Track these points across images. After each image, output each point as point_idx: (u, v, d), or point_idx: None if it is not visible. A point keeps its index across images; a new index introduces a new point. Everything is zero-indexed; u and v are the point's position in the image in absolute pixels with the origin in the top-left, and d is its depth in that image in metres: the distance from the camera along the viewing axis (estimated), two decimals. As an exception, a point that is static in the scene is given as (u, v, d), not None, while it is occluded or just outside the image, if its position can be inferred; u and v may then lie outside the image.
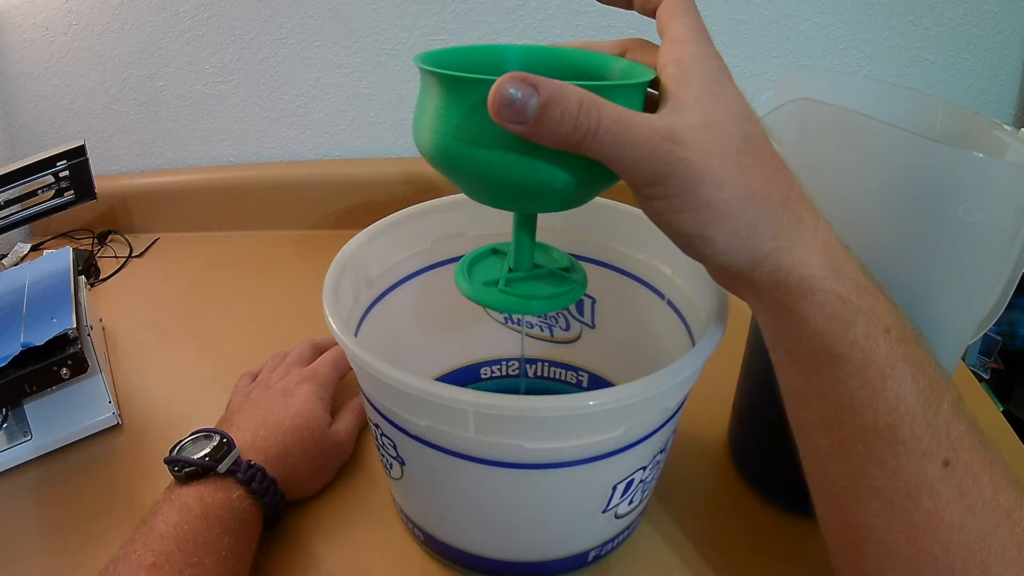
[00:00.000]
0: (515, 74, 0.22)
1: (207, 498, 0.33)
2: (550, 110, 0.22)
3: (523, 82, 0.22)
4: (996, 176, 0.26)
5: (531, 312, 0.29)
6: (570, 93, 0.22)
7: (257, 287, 0.67)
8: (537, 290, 0.30)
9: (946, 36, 0.65)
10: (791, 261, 0.23)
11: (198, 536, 0.31)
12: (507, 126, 0.22)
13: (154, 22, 0.71)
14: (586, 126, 0.22)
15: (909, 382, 0.23)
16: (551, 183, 0.24)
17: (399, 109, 0.74)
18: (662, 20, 0.26)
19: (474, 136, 0.24)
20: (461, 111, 0.24)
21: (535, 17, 0.67)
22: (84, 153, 0.63)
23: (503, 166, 0.24)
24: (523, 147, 0.23)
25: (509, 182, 0.25)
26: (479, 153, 0.24)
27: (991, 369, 0.67)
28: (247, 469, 0.35)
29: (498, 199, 0.27)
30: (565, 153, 0.23)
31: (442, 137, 0.25)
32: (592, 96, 0.22)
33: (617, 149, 0.22)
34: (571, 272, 0.31)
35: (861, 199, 0.29)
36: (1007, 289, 0.32)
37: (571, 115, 0.22)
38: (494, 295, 0.29)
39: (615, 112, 0.22)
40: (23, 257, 0.75)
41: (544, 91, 0.22)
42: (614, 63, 0.29)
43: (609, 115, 0.22)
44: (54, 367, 0.43)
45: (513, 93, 0.22)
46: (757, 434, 0.41)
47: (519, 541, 0.34)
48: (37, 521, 0.41)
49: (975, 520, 0.22)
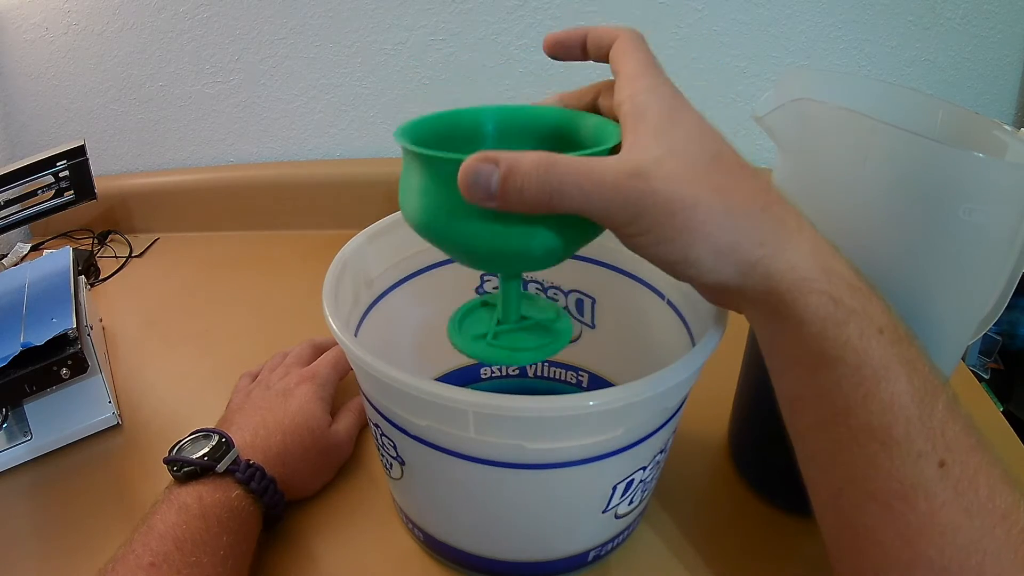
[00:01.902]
0: (478, 154, 0.23)
1: (206, 498, 0.33)
2: (510, 180, 0.23)
3: (484, 160, 0.23)
4: (996, 176, 0.26)
5: (517, 363, 0.31)
6: (525, 159, 0.23)
7: (257, 287, 0.67)
8: (523, 342, 0.31)
9: (946, 36, 0.65)
10: (779, 267, 0.24)
11: (196, 536, 0.31)
12: (479, 203, 0.23)
13: (154, 22, 0.71)
14: (549, 186, 0.23)
15: (904, 383, 0.23)
16: (531, 247, 0.25)
17: (399, 109, 0.74)
18: (615, 61, 0.27)
19: (452, 210, 0.25)
20: (438, 187, 0.25)
21: (535, 17, 0.67)
22: (84, 153, 0.63)
23: (481, 237, 0.25)
24: (498, 217, 0.24)
25: (490, 251, 0.26)
26: (459, 225, 0.25)
27: (991, 369, 0.67)
28: (246, 468, 0.35)
29: (482, 265, 0.28)
30: (540, 217, 0.24)
31: (424, 211, 0.26)
32: (547, 156, 0.23)
33: (586, 199, 0.23)
34: (557, 322, 0.32)
35: (861, 199, 0.29)
36: (1007, 289, 0.32)
37: (531, 180, 0.23)
38: (483, 348, 0.30)
39: (575, 164, 0.23)
40: (23, 257, 0.75)
41: (503, 164, 0.23)
42: (586, 121, 0.29)
43: (569, 169, 0.23)
44: (54, 367, 0.43)
45: (478, 171, 0.23)
46: (756, 434, 0.41)
47: (519, 541, 0.34)
48: (37, 521, 0.41)
49: (971, 522, 0.22)
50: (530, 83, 0.70)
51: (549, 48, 0.30)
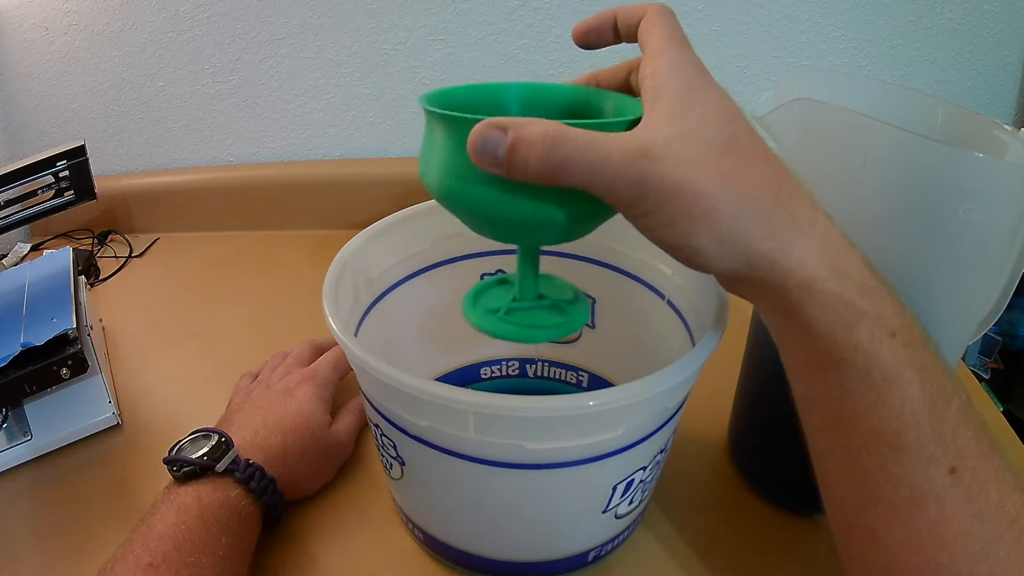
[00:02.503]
0: (489, 120, 0.23)
1: (205, 498, 0.33)
2: (517, 149, 0.22)
3: (494, 126, 0.23)
4: (996, 176, 0.26)
5: (531, 340, 0.30)
6: (533, 129, 0.22)
7: (257, 287, 0.67)
8: (538, 319, 0.30)
9: (946, 36, 0.65)
10: (788, 263, 0.23)
11: (196, 536, 0.31)
12: (487, 168, 0.23)
13: (154, 22, 0.71)
14: (555, 159, 0.22)
15: (915, 387, 0.23)
16: (539, 217, 0.25)
17: (399, 109, 0.74)
18: (642, 36, 0.26)
19: (463, 173, 0.25)
20: (453, 148, 0.25)
21: (535, 17, 0.67)
22: (84, 153, 0.63)
23: (493, 202, 0.25)
24: (505, 184, 0.24)
25: (500, 217, 0.26)
26: (471, 189, 0.25)
27: (991, 369, 0.67)
28: (245, 468, 0.35)
29: (495, 232, 0.28)
30: (549, 188, 0.24)
31: (439, 173, 0.26)
32: (557, 127, 0.22)
33: (592, 175, 0.23)
34: (575, 303, 0.32)
35: (861, 199, 0.29)
36: (1007, 289, 0.32)
37: (537, 151, 0.22)
38: (495, 322, 0.30)
39: (584, 138, 0.22)
40: (23, 257, 0.75)
41: (511, 132, 0.23)
42: (608, 99, 0.29)
43: (578, 142, 0.22)
44: (54, 367, 0.43)
45: (486, 137, 0.23)
46: (757, 434, 0.41)
47: (519, 541, 0.34)
48: (36, 521, 0.41)
49: (981, 527, 0.22)
50: (530, 83, 0.70)
51: (580, 38, 0.28)
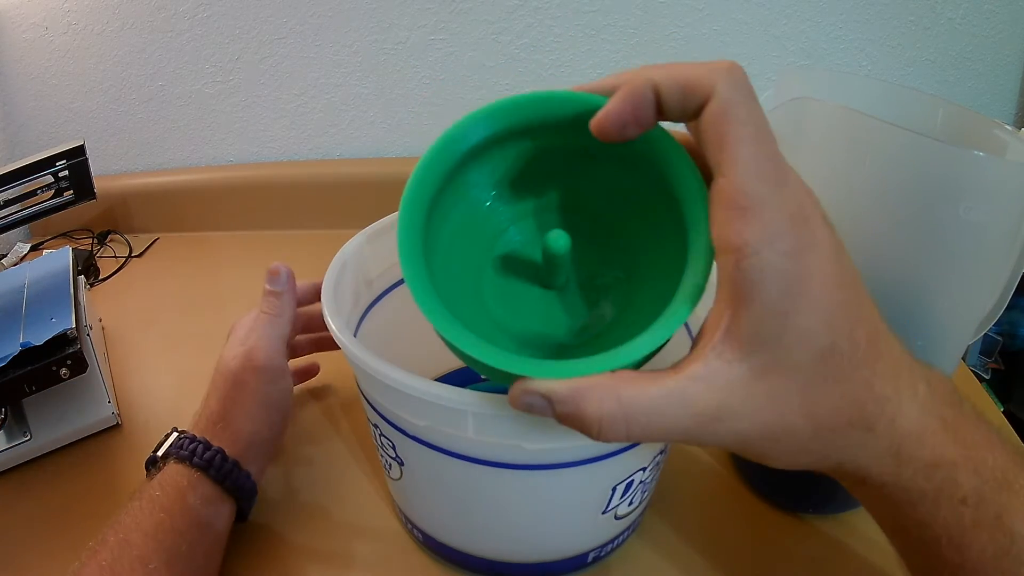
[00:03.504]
0: (526, 387, 0.21)
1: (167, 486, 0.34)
2: (602, 433, 0.21)
3: (534, 395, 0.21)
4: (996, 175, 0.26)
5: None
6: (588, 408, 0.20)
7: (257, 287, 0.66)
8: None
9: (946, 36, 0.65)
10: (851, 468, 0.23)
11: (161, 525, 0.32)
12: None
13: (154, 22, 0.71)
14: (621, 435, 0.21)
15: (984, 541, 0.22)
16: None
17: (399, 109, 0.74)
18: (711, 140, 0.20)
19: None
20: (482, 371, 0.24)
21: (535, 17, 0.67)
22: (84, 153, 0.63)
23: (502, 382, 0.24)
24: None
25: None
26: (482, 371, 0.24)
27: (991, 369, 0.67)
28: (187, 444, 0.35)
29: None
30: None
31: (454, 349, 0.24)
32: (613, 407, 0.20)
33: (661, 438, 0.22)
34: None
35: (861, 199, 0.29)
36: (1007, 289, 0.32)
37: (599, 431, 0.21)
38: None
39: (644, 404, 0.20)
40: (23, 257, 0.75)
41: (559, 407, 0.21)
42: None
43: (637, 413, 0.20)
44: (54, 367, 0.43)
45: (530, 404, 0.22)
46: (757, 434, 0.41)
47: (519, 542, 0.34)
48: (36, 521, 0.41)
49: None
50: (531, 83, 0.70)
51: (602, 131, 0.21)
